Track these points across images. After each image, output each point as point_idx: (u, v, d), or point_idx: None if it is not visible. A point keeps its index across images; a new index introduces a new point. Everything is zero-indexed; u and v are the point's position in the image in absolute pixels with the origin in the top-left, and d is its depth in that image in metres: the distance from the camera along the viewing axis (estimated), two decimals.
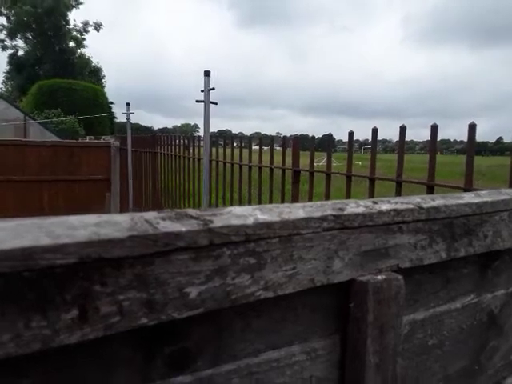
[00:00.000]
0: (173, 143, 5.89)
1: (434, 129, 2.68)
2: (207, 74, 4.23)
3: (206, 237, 0.46)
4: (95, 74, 38.07)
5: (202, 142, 4.93)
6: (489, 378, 0.87)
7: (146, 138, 7.18)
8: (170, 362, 0.49)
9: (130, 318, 0.42)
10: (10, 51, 36.40)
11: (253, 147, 4.47)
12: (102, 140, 11.92)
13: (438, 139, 2.78)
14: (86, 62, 37.25)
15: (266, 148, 4.39)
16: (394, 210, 0.63)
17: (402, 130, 2.87)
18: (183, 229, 0.45)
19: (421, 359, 0.74)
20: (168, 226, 0.45)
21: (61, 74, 31.11)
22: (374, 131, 3.02)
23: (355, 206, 0.61)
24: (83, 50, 38.30)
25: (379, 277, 0.62)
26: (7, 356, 0.36)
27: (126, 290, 0.42)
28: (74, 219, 0.42)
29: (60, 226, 0.41)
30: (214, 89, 4.24)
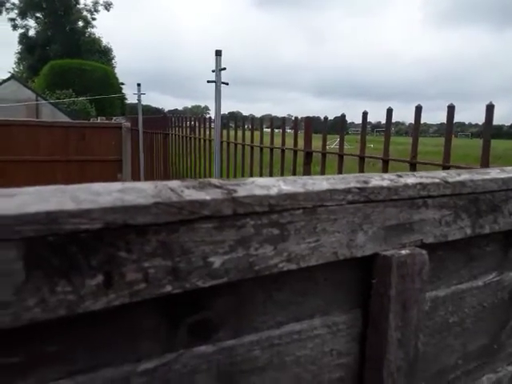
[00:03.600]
0: (184, 125, 5.87)
1: (451, 109, 2.63)
2: (218, 53, 4.17)
3: (229, 206, 0.45)
4: (105, 54, 37.94)
5: (212, 124, 4.90)
6: (508, 356, 0.86)
7: (157, 119, 7.16)
8: (193, 332, 0.48)
9: (155, 285, 0.42)
10: (20, 30, 36.39)
11: (264, 129, 4.44)
12: (113, 121, 11.95)
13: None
14: (96, 42, 37.10)
15: (277, 130, 4.36)
16: (420, 183, 0.62)
17: (418, 110, 2.81)
18: (208, 197, 0.44)
19: (441, 336, 0.73)
20: (192, 194, 0.44)
21: (71, 55, 31.07)
22: (389, 111, 2.97)
23: (380, 179, 0.59)
24: (93, 30, 38.14)
25: (403, 251, 0.60)
26: (33, 321, 0.36)
27: (151, 258, 0.41)
28: (97, 185, 0.41)
29: (84, 191, 0.40)
30: (225, 69, 4.19)
